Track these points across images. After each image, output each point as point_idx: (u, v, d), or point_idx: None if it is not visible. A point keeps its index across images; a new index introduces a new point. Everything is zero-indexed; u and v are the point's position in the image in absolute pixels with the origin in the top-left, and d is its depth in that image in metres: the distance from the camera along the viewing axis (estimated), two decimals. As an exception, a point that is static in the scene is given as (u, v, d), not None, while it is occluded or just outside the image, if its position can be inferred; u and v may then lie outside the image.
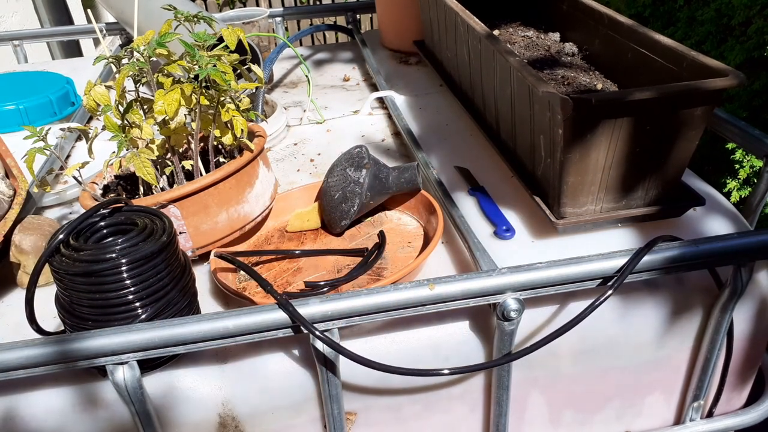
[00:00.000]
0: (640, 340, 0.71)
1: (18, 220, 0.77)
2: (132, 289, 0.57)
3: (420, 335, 0.67)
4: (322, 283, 0.68)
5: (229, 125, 0.73)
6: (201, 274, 0.75)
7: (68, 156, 1.05)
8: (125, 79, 0.69)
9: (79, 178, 0.72)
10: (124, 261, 0.56)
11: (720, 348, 0.72)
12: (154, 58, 0.70)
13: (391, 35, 1.43)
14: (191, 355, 0.63)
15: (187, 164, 0.74)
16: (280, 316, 0.57)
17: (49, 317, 0.68)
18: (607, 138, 0.67)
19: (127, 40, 1.53)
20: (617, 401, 0.76)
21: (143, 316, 0.58)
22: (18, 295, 0.74)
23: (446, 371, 0.61)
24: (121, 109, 0.69)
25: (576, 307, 0.69)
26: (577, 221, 0.73)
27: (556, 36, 1.07)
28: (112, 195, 0.76)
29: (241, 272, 0.74)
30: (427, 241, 0.77)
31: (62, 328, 0.61)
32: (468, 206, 0.82)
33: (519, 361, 0.67)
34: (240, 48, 1.06)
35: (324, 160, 0.99)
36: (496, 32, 1.08)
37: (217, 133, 0.72)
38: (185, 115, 0.71)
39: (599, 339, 0.70)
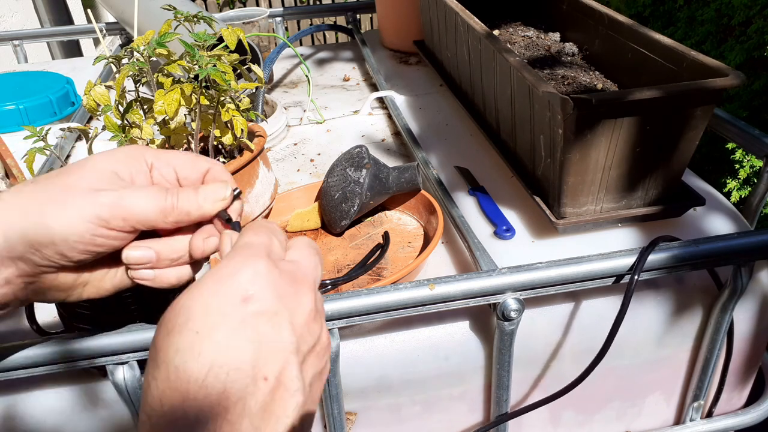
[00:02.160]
0: (640, 340, 0.71)
1: (18, 220, 0.77)
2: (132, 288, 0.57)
3: (420, 335, 0.67)
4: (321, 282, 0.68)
5: (229, 125, 0.73)
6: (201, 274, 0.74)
7: (68, 156, 1.05)
8: (125, 79, 0.68)
9: (79, 178, 0.72)
10: (124, 261, 0.56)
11: (720, 348, 0.72)
12: (154, 58, 0.70)
13: (391, 35, 1.43)
14: (191, 355, 0.63)
15: (187, 164, 0.74)
16: (280, 316, 0.57)
17: (49, 317, 0.68)
18: (608, 138, 0.67)
19: (127, 40, 1.53)
20: (617, 401, 0.76)
21: (143, 316, 0.58)
22: (18, 295, 0.74)
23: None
24: (121, 109, 0.69)
25: (576, 308, 0.69)
26: (577, 221, 0.73)
27: (557, 36, 1.07)
28: (112, 195, 0.76)
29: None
30: (427, 241, 0.77)
31: (62, 328, 0.61)
32: (468, 206, 0.82)
33: (519, 361, 0.67)
34: (240, 48, 1.06)
35: (324, 160, 0.99)
36: (496, 32, 1.08)
37: (217, 133, 0.72)
38: (185, 115, 0.71)
39: (599, 339, 0.70)
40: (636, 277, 0.62)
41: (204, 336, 0.34)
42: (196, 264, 0.47)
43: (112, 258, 0.44)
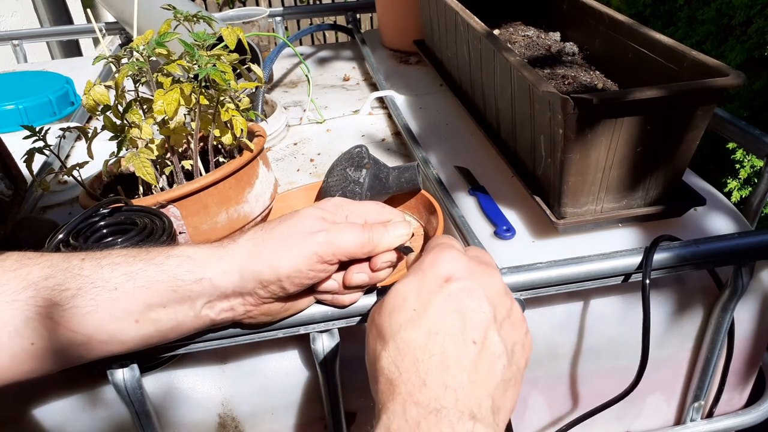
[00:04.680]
0: (641, 340, 0.71)
1: (18, 220, 0.77)
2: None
3: (420, 335, 0.66)
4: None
5: (228, 125, 0.72)
6: (201, 274, 0.74)
7: (68, 156, 1.04)
8: (125, 78, 0.68)
9: (79, 178, 0.72)
10: (123, 261, 0.56)
11: (721, 348, 0.72)
12: (154, 58, 0.69)
13: (391, 35, 1.43)
14: (191, 355, 0.63)
15: (187, 164, 0.74)
16: (280, 316, 0.57)
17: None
18: (608, 138, 0.67)
19: (127, 40, 1.53)
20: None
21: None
22: (17, 295, 0.74)
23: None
24: (121, 108, 0.69)
25: (577, 308, 0.69)
26: (577, 221, 0.73)
27: (557, 35, 1.07)
28: (111, 195, 0.76)
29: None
30: (427, 241, 0.77)
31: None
32: (468, 206, 0.82)
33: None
34: (240, 48, 1.06)
35: (324, 160, 0.99)
36: (496, 32, 1.08)
37: (216, 132, 0.72)
38: (185, 114, 0.70)
39: (600, 339, 0.70)
40: (648, 276, 0.62)
41: (420, 311, 0.43)
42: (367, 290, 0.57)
43: (309, 291, 0.54)
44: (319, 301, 0.57)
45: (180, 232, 0.69)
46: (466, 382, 0.41)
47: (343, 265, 0.55)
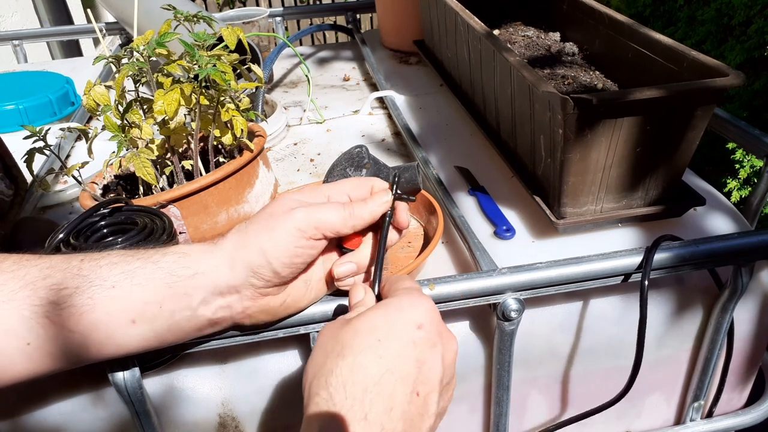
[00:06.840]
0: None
1: (18, 220, 0.77)
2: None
3: (420, 335, 0.66)
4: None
5: (228, 125, 0.73)
6: (201, 274, 0.74)
7: (68, 156, 1.04)
8: (125, 79, 0.68)
9: (79, 178, 0.72)
10: (124, 261, 0.56)
11: (720, 348, 0.72)
12: (154, 58, 0.69)
13: (391, 35, 1.43)
14: (191, 355, 0.63)
15: (187, 164, 0.74)
16: (280, 316, 0.57)
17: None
18: (608, 138, 0.67)
19: (127, 40, 1.53)
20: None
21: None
22: (18, 295, 0.74)
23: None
24: (121, 109, 0.69)
25: (576, 308, 0.69)
26: (577, 221, 0.73)
27: (557, 36, 1.07)
28: (112, 195, 0.76)
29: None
30: (427, 241, 0.77)
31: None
32: (468, 206, 0.82)
33: (519, 361, 0.67)
34: (240, 48, 1.06)
35: (324, 160, 0.99)
36: (496, 32, 1.08)
37: (216, 132, 0.72)
38: (185, 114, 0.70)
39: (599, 339, 0.70)
40: (647, 277, 0.62)
41: (384, 344, 0.44)
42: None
43: (305, 285, 0.54)
44: (339, 287, 0.56)
45: (180, 232, 0.69)
46: (398, 427, 0.42)
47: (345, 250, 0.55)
